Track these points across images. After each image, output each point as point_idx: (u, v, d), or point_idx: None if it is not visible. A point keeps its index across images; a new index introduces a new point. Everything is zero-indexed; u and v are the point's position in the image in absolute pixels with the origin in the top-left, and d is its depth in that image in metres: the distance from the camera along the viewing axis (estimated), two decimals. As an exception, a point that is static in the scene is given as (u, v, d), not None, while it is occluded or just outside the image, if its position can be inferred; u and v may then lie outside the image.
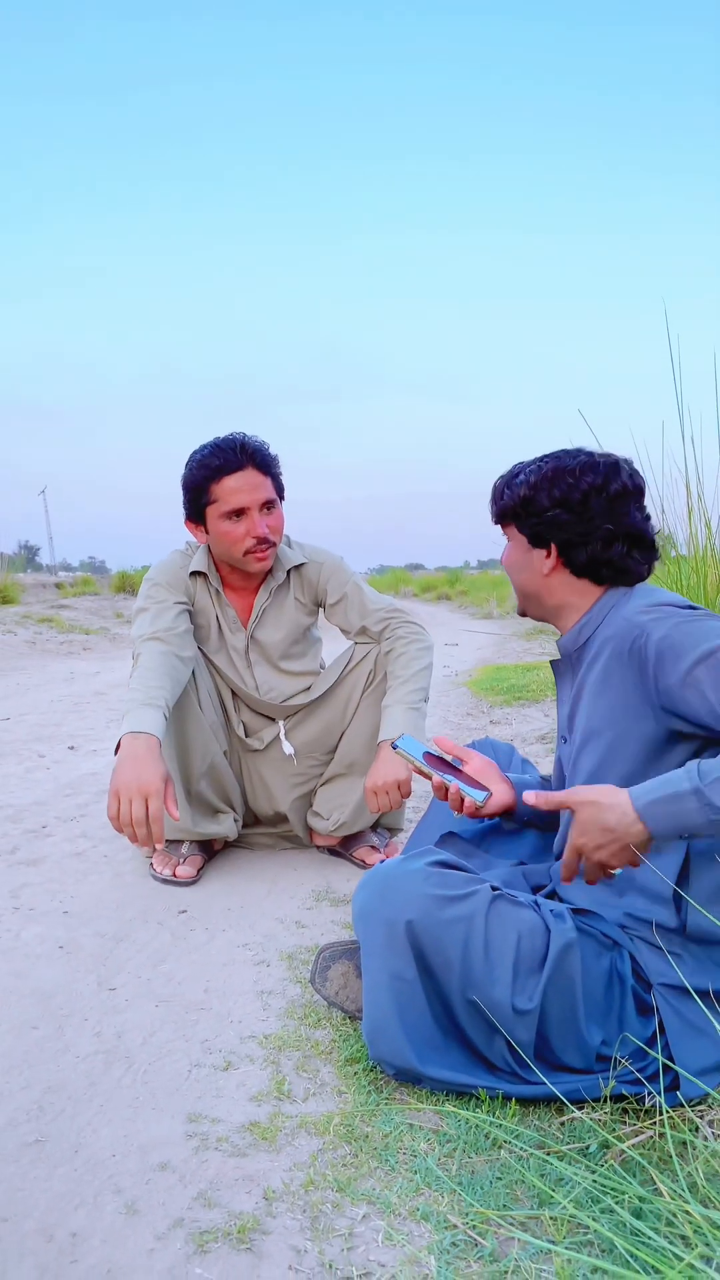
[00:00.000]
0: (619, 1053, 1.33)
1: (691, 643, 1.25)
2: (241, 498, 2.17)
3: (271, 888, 2.27)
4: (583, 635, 1.45)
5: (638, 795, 1.21)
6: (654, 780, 1.22)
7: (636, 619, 1.32)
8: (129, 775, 1.82)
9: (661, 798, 1.18)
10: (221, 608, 2.35)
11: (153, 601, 2.26)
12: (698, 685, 1.24)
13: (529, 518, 1.46)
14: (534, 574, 1.49)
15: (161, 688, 2.03)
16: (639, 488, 1.45)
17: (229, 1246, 1.07)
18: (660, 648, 1.27)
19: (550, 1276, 1.01)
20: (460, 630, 11.06)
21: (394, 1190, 1.16)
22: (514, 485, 1.48)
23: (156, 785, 1.81)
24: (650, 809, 1.19)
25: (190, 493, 2.22)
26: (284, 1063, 1.47)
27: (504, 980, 1.30)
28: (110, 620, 11.20)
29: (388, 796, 2.13)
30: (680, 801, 1.16)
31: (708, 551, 3.16)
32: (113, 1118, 1.32)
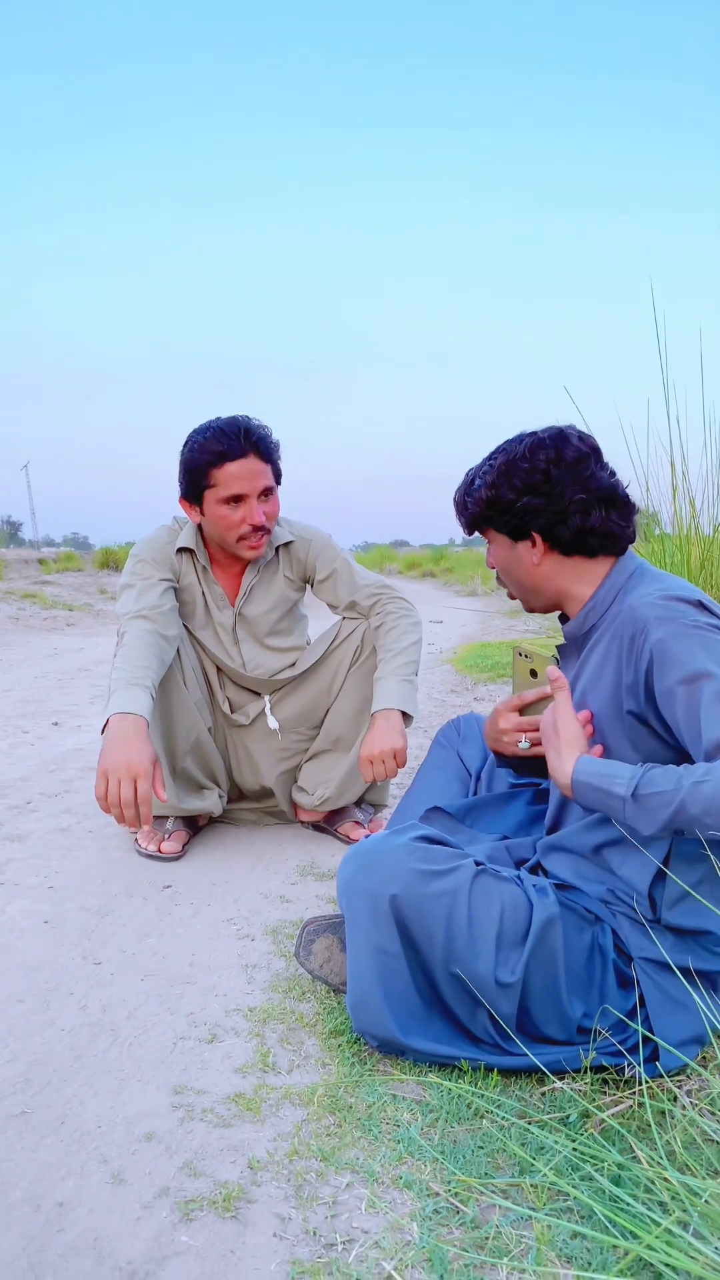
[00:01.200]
0: (599, 1025, 1.35)
1: (684, 657, 1.23)
2: (242, 485, 2.16)
3: (256, 863, 2.28)
4: (588, 621, 1.44)
5: (581, 769, 1.29)
6: (604, 765, 1.27)
7: (641, 612, 1.30)
8: (117, 756, 1.82)
9: (597, 785, 1.26)
10: (208, 584, 2.34)
11: (138, 578, 2.25)
12: (673, 702, 1.24)
13: (501, 515, 1.44)
14: (525, 568, 1.47)
15: (148, 667, 2.03)
16: (593, 447, 1.43)
17: (214, 1215, 1.08)
18: (655, 651, 1.26)
19: (530, 1242, 1.03)
20: (445, 607, 11.07)
21: (377, 1159, 1.18)
22: (473, 491, 1.47)
23: (145, 767, 1.81)
24: (582, 788, 1.28)
25: (189, 474, 2.20)
26: (268, 1035, 1.48)
27: (487, 953, 1.31)
28: (94, 596, 11.15)
29: (383, 765, 2.13)
30: (609, 799, 1.24)
31: (691, 529, 3.17)
32: (99, 1090, 1.33)
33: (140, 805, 1.80)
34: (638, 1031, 1.33)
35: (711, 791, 1.14)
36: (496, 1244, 1.03)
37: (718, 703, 1.20)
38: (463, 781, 1.89)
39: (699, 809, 1.15)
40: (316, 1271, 0.99)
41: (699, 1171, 1.07)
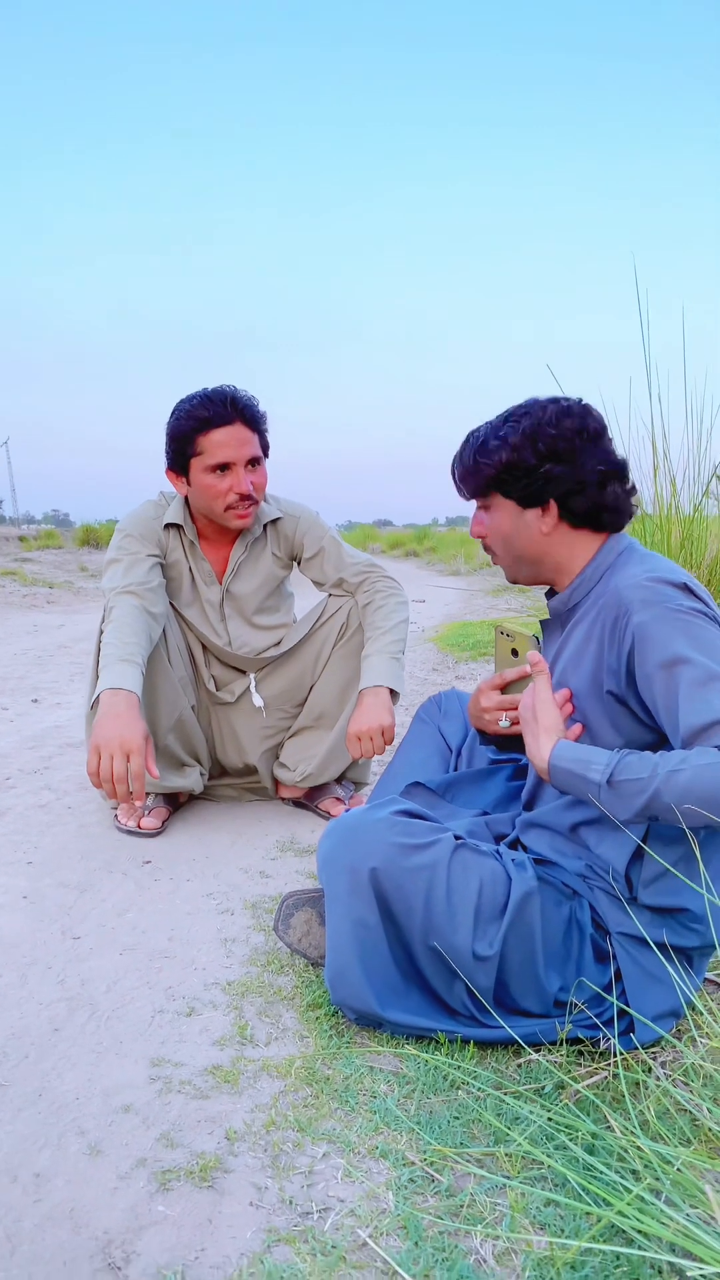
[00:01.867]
0: (576, 998, 1.36)
1: (665, 642, 1.23)
2: (228, 453, 2.14)
3: (236, 838, 2.28)
4: (574, 598, 1.43)
5: (558, 754, 1.30)
6: (581, 750, 1.29)
7: (626, 594, 1.29)
8: (111, 731, 1.82)
9: (572, 770, 1.27)
10: (196, 560, 2.33)
11: (125, 553, 2.23)
12: (651, 686, 1.25)
13: (518, 480, 1.40)
14: (532, 536, 1.43)
15: (137, 643, 2.02)
16: (604, 423, 1.43)
17: (191, 1184, 1.09)
18: (637, 634, 1.26)
19: (504, 1210, 1.04)
20: (428, 586, 11.08)
21: (353, 1130, 1.18)
22: (490, 452, 1.41)
23: (138, 742, 1.82)
24: (558, 771, 1.30)
25: (175, 443, 2.18)
26: (246, 1008, 1.49)
27: (465, 927, 1.32)
28: (74, 574, 11.09)
29: (371, 742, 2.13)
30: (584, 783, 1.26)
31: (671, 509, 3.17)
32: (76, 1062, 1.33)
33: (133, 780, 1.81)
34: (613, 1005, 1.34)
35: (687, 781, 1.15)
36: (471, 1212, 1.04)
37: (695, 689, 1.20)
38: (443, 757, 1.89)
39: (673, 797, 1.16)
40: (292, 1239, 1.00)
41: (671, 1140, 1.08)
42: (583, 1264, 0.95)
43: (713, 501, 3.51)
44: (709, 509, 3.41)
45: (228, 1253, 0.98)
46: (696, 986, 1.38)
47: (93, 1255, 0.98)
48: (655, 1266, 0.95)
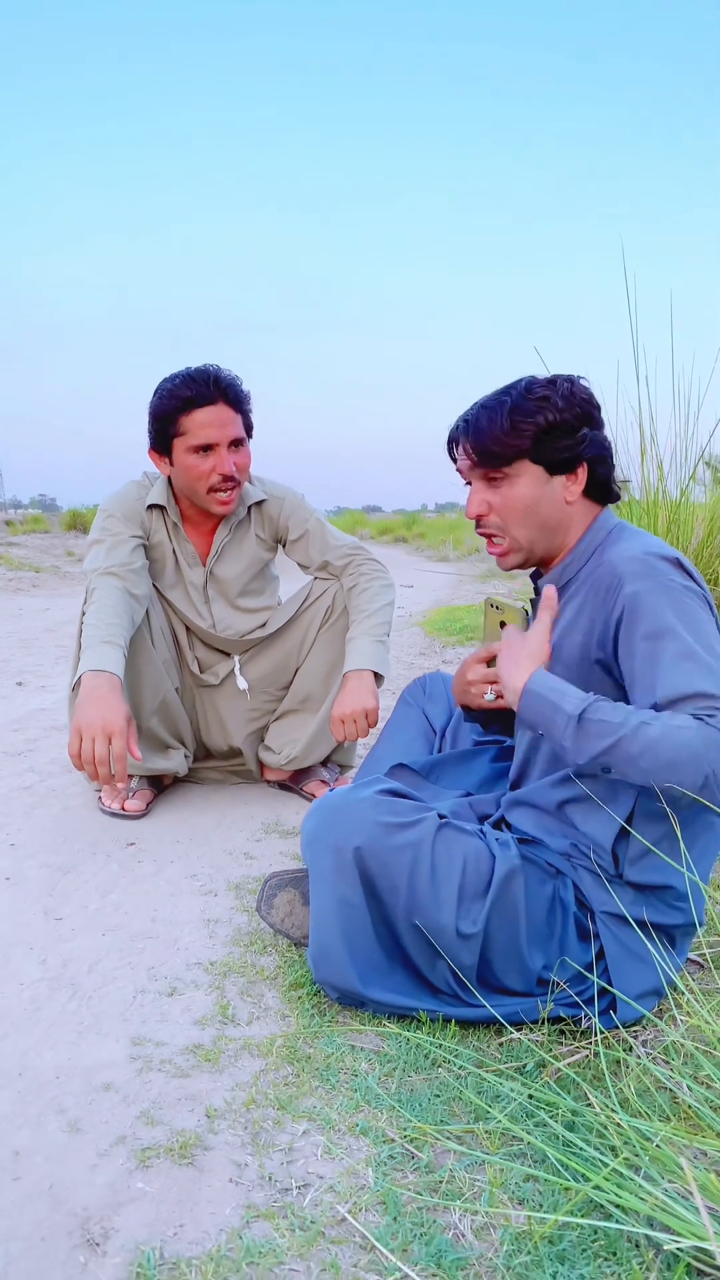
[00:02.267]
0: (559, 977, 1.36)
1: (653, 613, 1.24)
2: (211, 433, 2.13)
3: (221, 820, 2.28)
4: (565, 575, 1.42)
5: (536, 680, 1.30)
6: (559, 682, 1.29)
7: (620, 566, 1.30)
8: (92, 713, 1.81)
9: (547, 697, 1.27)
10: (179, 542, 2.31)
11: (108, 534, 2.21)
12: (632, 655, 1.25)
13: (558, 442, 1.37)
14: (557, 504, 1.40)
15: (119, 625, 2.01)
16: None
17: (170, 1161, 1.08)
18: (627, 603, 1.26)
19: (483, 1186, 1.04)
20: (416, 571, 11.07)
21: (334, 1108, 1.18)
22: (530, 413, 1.36)
23: (120, 725, 1.81)
24: (531, 696, 1.29)
25: (157, 422, 2.16)
26: (229, 988, 1.48)
27: (449, 905, 1.32)
28: (61, 558, 11.03)
29: (355, 725, 2.12)
30: (555, 713, 1.25)
31: (659, 493, 3.17)
32: (57, 1042, 1.33)
33: (115, 762, 1.80)
34: (595, 983, 1.34)
35: (655, 735, 1.15)
36: (450, 1188, 1.04)
37: (677, 661, 1.21)
38: (427, 739, 1.89)
39: (637, 748, 1.16)
40: (271, 1215, 1.00)
41: (651, 1117, 1.08)
42: (560, 1238, 0.96)
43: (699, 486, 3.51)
44: (695, 494, 3.41)
45: (207, 1229, 0.98)
46: (678, 966, 1.39)
47: (71, 1232, 0.98)
48: (632, 1240, 0.95)
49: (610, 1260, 0.94)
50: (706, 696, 1.17)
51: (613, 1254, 0.94)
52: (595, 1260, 0.94)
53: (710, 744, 1.13)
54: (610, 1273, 0.92)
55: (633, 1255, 0.93)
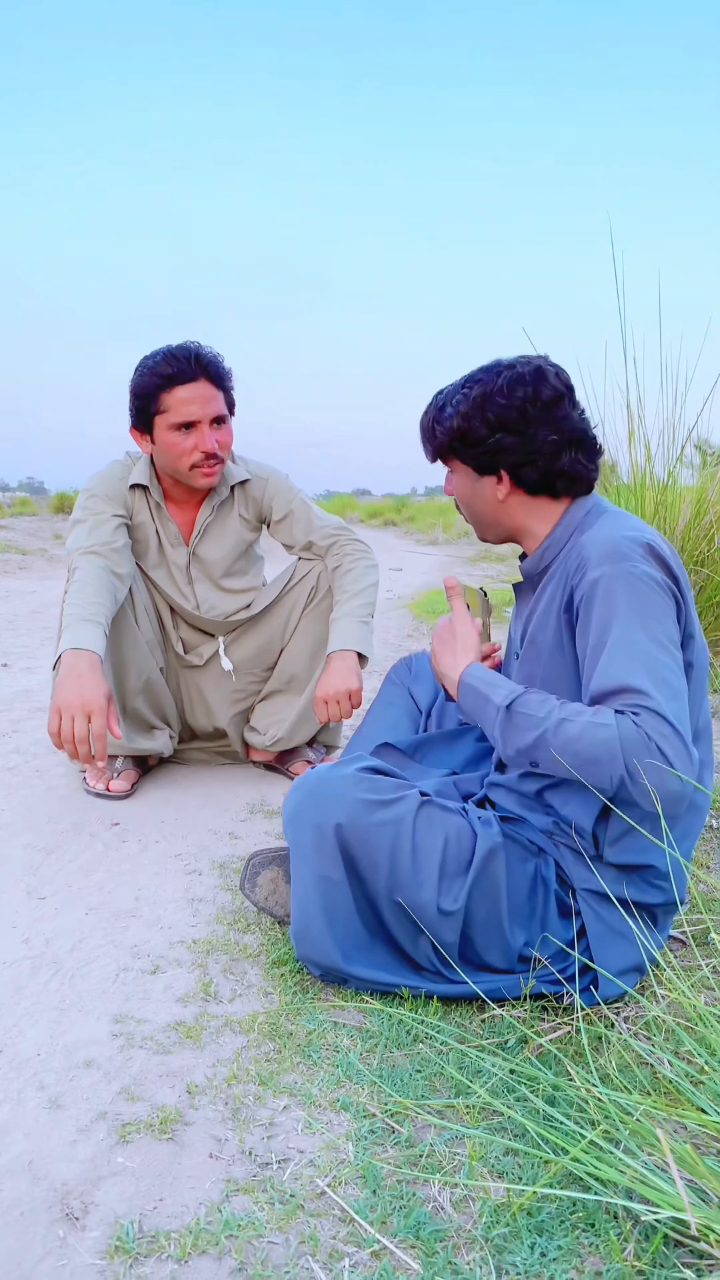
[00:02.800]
0: (540, 953, 1.36)
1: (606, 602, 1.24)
2: (193, 410, 2.11)
3: (206, 801, 2.28)
4: (544, 559, 1.42)
5: (470, 672, 1.37)
6: (492, 675, 1.36)
7: (589, 550, 1.29)
8: (71, 692, 1.80)
9: (478, 692, 1.34)
10: (162, 522, 2.29)
11: (90, 513, 2.19)
12: (585, 641, 1.27)
13: (470, 449, 1.39)
14: (488, 503, 1.44)
15: (101, 603, 1.99)
16: (568, 385, 1.39)
17: (151, 1137, 1.08)
18: (588, 588, 1.27)
19: (463, 1159, 1.05)
20: (405, 554, 11.06)
21: (315, 1083, 1.18)
22: (444, 419, 1.41)
23: (99, 703, 1.80)
24: (466, 689, 1.37)
25: (138, 400, 2.14)
26: (211, 966, 1.48)
27: (430, 882, 1.32)
28: (49, 541, 10.97)
29: (338, 706, 2.11)
30: (486, 705, 1.32)
31: (646, 474, 3.17)
32: (39, 1020, 1.33)
33: (94, 741, 1.79)
34: (577, 960, 1.35)
35: (573, 732, 1.18)
36: (430, 1161, 1.05)
37: (615, 655, 1.21)
38: (413, 718, 1.89)
39: (558, 744, 1.20)
40: (251, 1189, 1.00)
41: (632, 1092, 1.09)
42: (539, 1210, 0.96)
43: (687, 468, 3.51)
44: (683, 476, 3.41)
45: (186, 1202, 0.98)
46: (660, 943, 1.39)
47: (50, 1206, 0.98)
48: (611, 1211, 0.96)
49: (588, 1231, 0.94)
50: (634, 691, 1.18)
51: (591, 1225, 0.95)
52: (573, 1232, 0.94)
53: (626, 741, 1.14)
54: (588, 1244, 0.93)
55: (611, 1226, 0.94)
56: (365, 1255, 0.92)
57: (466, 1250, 0.92)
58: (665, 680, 1.19)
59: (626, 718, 1.16)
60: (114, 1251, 0.91)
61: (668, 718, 1.15)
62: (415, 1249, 0.92)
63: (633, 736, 1.14)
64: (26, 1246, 0.92)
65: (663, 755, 1.13)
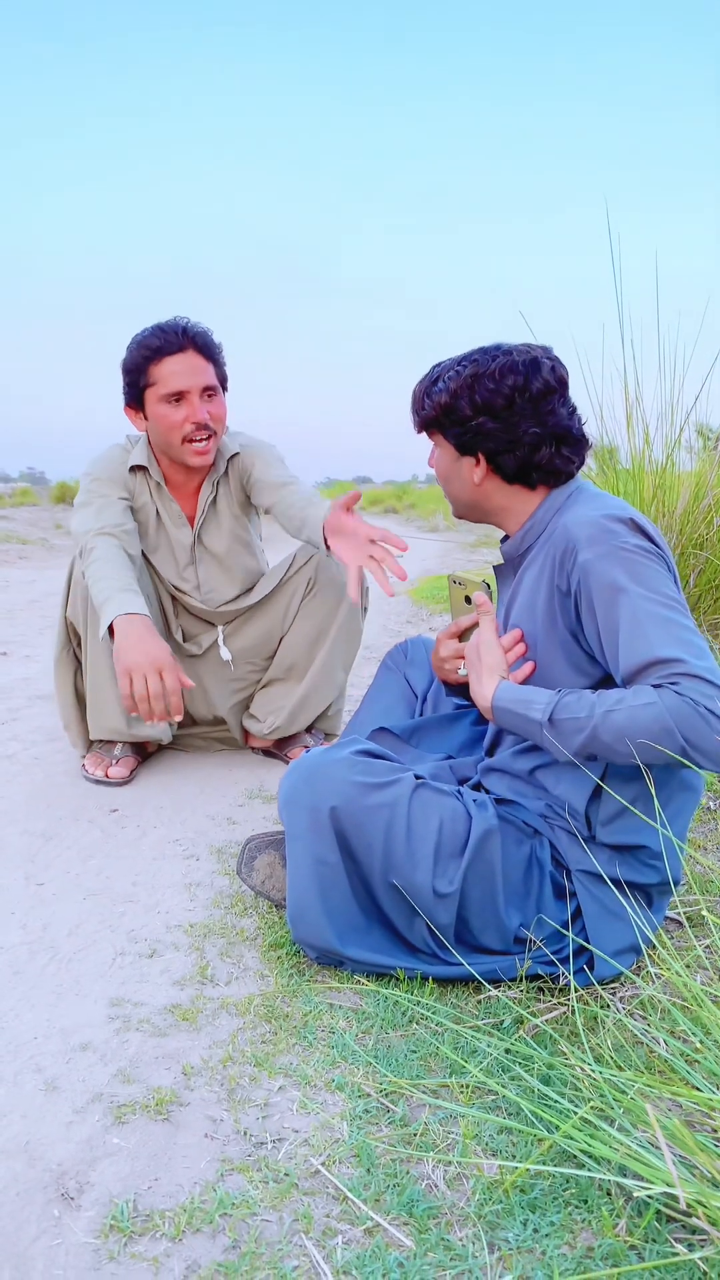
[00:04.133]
0: (536, 935, 1.36)
1: (606, 579, 1.24)
2: (181, 380, 2.11)
3: (204, 787, 2.28)
4: (525, 542, 1.42)
5: (500, 694, 1.33)
6: (523, 690, 1.31)
7: (574, 531, 1.29)
8: (137, 654, 1.83)
9: (514, 710, 1.31)
10: (164, 503, 2.28)
11: (95, 496, 2.19)
12: (595, 623, 1.26)
13: (452, 426, 1.40)
14: (465, 483, 1.44)
15: (132, 575, 2.01)
16: (562, 380, 1.39)
17: (146, 1118, 1.09)
18: (582, 571, 1.26)
19: (458, 1138, 1.05)
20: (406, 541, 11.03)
21: (310, 1064, 1.19)
22: (434, 393, 1.41)
23: (167, 659, 1.84)
24: (501, 712, 1.33)
25: (129, 375, 2.15)
26: (208, 949, 1.49)
27: (425, 864, 1.32)
28: (49, 531, 10.96)
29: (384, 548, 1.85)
30: (527, 723, 1.29)
31: (644, 458, 3.15)
32: (36, 1003, 1.33)
33: (169, 696, 1.82)
34: (572, 942, 1.35)
35: (622, 721, 1.17)
36: (424, 1140, 1.05)
37: (633, 626, 1.21)
38: (409, 703, 1.89)
39: (611, 736, 1.18)
40: (245, 1168, 1.01)
41: (626, 1070, 1.09)
42: (532, 1186, 0.97)
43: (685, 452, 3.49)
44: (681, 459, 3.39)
45: (181, 1182, 0.99)
46: (656, 925, 1.39)
47: (46, 1186, 0.98)
48: (603, 1188, 0.96)
49: (581, 1208, 0.94)
50: (662, 662, 1.17)
51: (584, 1202, 0.95)
52: (566, 1208, 0.94)
53: (675, 714, 1.14)
54: (581, 1219, 0.93)
55: (603, 1202, 0.94)
56: (358, 1233, 0.92)
57: (459, 1227, 0.93)
58: (689, 641, 1.19)
59: (667, 690, 1.15)
60: (109, 1230, 0.92)
61: (705, 676, 1.15)
62: (408, 1226, 0.93)
63: (679, 707, 1.13)
64: (22, 1226, 0.93)
65: (714, 714, 1.13)
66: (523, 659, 1.39)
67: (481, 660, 1.38)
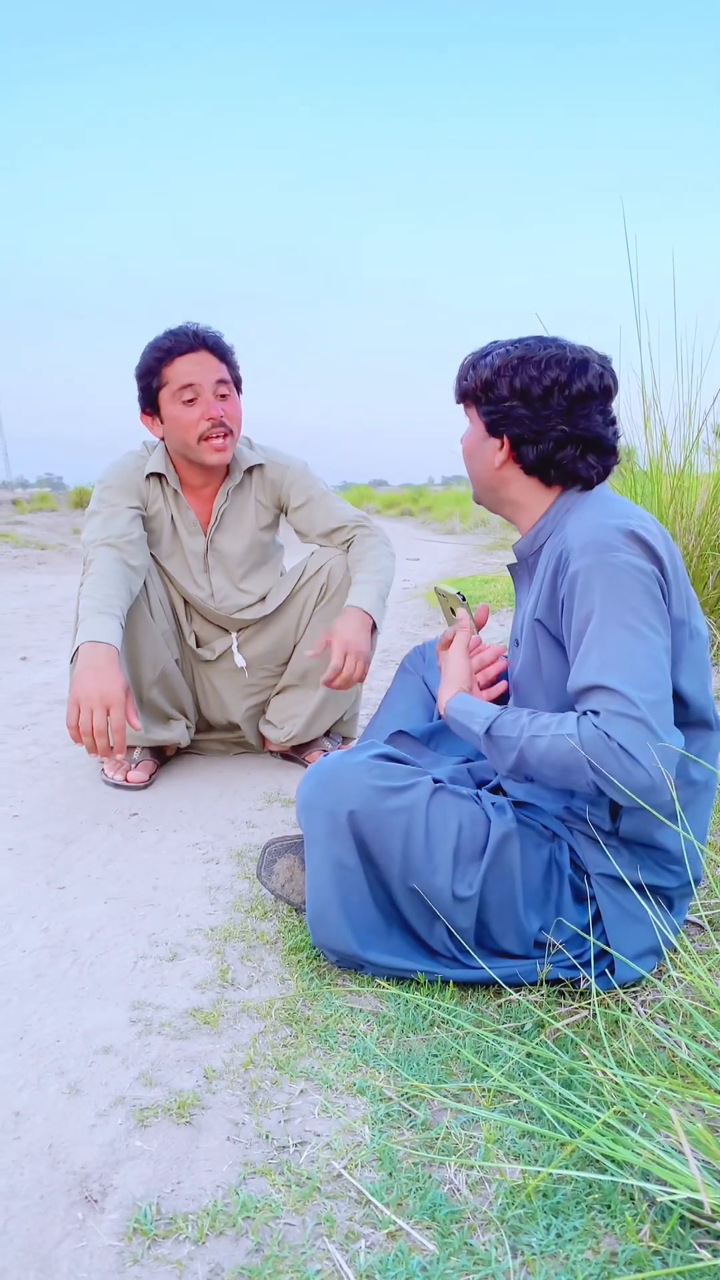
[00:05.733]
0: (556, 938, 1.36)
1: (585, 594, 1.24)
2: (194, 376, 2.13)
3: (223, 790, 2.29)
4: (537, 541, 1.42)
5: (452, 704, 1.42)
6: (471, 703, 1.39)
7: (571, 540, 1.28)
8: (90, 685, 1.81)
9: (462, 720, 1.38)
10: (180, 510, 2.30)
11: (104, 505, 2.20)
12: (569, 636, 1.27)
13: (487, 404, 1.40)
14: (487, 464, 1.44)
15: (116, 595, 2.01)
16: (606, 389, 1.37)
17: (169, 1121, 1.09)
18: (570, 582, 1.26)
19: (479, 1142, 1.05)
20: (422, 544, 11.03)
21: (332, 1068, 1.19)
22: (479, 366, 1.42)
23: (118, 695, 1.81)
24: (451, 721, 1.42)
25: (142, 379, 2.17)
26: (229, 953, 1.49)
27: (444, 868, 1.32)
28: (68, 536, 11.03)
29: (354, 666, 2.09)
30: (470, 734, 1.36)
31: (662, 460, 3.14)
32: (58, 1007, 1.34)
33: (113, 734, 1.80)
34: (593, 945, 1.35)
35: (543, 747, 1.21)
36: (446, 1144, 1.05)
37: (592, 648, 1.22)
38: (427, 706, 1.89)
39: (535, 760, 1.23)
40: (268, 1172, 1.01)
41: (648, 1075, 1.09)
42: (554, 1191, 0.96)
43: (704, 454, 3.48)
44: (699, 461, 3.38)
45: (204, 1185, 0.99)
46: (676, 928, 1.39)
47: (70, 1189, 0.99)
48: (626, 1193, 0.96)
49: (604, 1213, 0.94)
50: (602, 689, 1.18)
51: (607, 1207, 0.95)
52: (589, 1213, 0.94)
53: (588, 746, 1.16)
54: (604, 1225, 0.93)
55: (626, 1208, 0.94)
56: (381, 1236, 0.92)
57: (482, 1231, 0.93)
58: (638, 670, 1.18)
59: (587, 721, 1.17)
60: (132, 1233, 0.92)
61: (633, 714, 1.15)
62: (431, 1230, 0.93)
63: (592, 739, 1.16)
64: (46, 1228, 0.93)
65: (624, 751, 1.14)
66: (536, 663, 1.39)
67: (445, 672, 1.49)
